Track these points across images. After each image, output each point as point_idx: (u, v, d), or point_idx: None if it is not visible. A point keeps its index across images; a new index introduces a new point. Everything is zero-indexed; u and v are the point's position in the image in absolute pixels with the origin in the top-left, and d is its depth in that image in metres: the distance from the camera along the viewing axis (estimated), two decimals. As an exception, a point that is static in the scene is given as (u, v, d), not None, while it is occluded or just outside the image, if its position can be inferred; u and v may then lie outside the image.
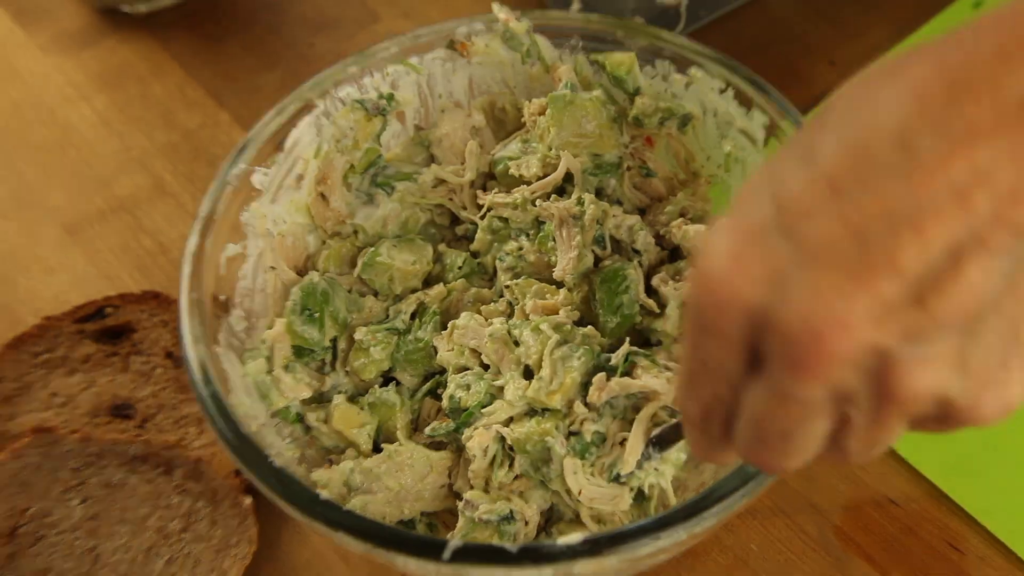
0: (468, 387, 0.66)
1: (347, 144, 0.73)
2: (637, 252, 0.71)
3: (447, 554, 0.54)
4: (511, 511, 0.63)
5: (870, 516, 0.70)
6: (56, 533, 0.69)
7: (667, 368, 0.65)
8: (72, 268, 0.84)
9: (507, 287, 0.71)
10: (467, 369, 0.68)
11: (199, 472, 0.71)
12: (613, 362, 0.64)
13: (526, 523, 0.64)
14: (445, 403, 0.67)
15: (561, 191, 0.72)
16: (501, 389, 0.65)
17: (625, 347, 0.65)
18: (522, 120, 0.75)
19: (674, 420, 0.62)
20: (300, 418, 0.68)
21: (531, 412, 0.64)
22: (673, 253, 0.73)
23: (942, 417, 0.41)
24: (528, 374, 0.65)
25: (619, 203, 0.73)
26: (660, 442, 0.61)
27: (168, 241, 0.85)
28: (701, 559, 0.69)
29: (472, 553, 0.54)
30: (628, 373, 0.64)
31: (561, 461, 0.62)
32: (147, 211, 0.87)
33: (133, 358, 0.77)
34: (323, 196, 0.73)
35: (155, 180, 0.88)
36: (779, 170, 0.39)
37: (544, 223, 0.71)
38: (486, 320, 0.69)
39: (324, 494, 0.57)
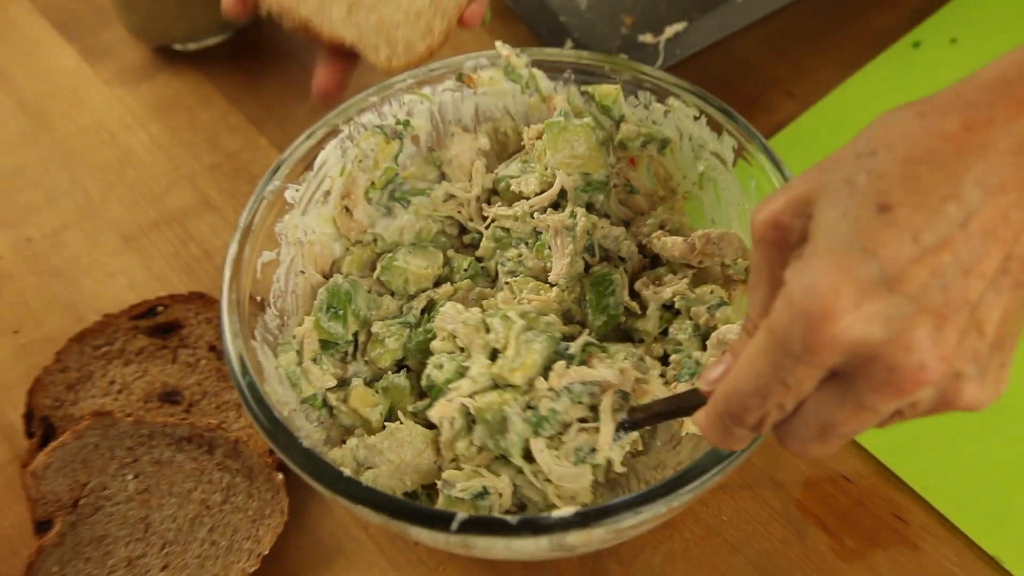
0: (441, 367, 0.64)
1: (368, 164, 0.72)
2: (622, 259, 0.70)
3: (455, 525, 0.52)
4: (484, 487, 0.61)
5: (826, 491, 0.68)
6: (112, 504, 0.68)
7: (630, 356, 0.64)
8: (129, 272, 0.83)
9: (507, 283, 0.70)
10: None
11: (238, 451, 0.69)
12: (571, 351, 0.62)
13: (500, 495, 0.61)
14: (424, 383, 0.65)
15: (556, 205, 0.70)
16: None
17: (583, 339, 0.63)
18: (522, 143, 0.74)
19: (635, 405, 0.60)
20: (325, 403, 0.67)
21: (495, 387, 0.62)
22: (653, 261, 0.71)
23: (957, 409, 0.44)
24: (495, 357, 0.63)
25: (607, 216, 0.72)
26: (630, 426, 0.59)
27: (212, 249, 0.84)
28: (678, 529, 0.68)
29: (477, 525, 0.53)
30: (585, 363, 0.62)
31: (518, 432, 0.60)
32: (194, 222, 0.85)
33: (181, 351, 0.76)
34: (347, 209, 0.71)
35: (201, 196, 0.87)
36: (864, 225, 0.40)
37: (541, 233, 0.69)
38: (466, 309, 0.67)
39: (347, 472, 0.56)
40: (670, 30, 0.87)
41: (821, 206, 0.42)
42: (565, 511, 0.52)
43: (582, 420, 0.61)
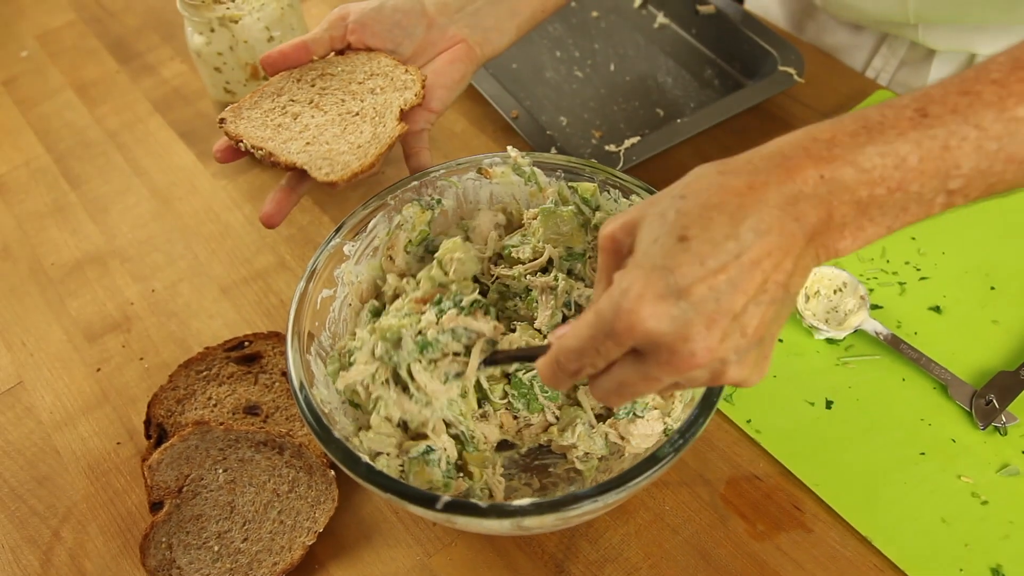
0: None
1: (408, 227, 0.70)
2: None
3: (439, 505, 0.51)
4: (429, 447, 0.60)
5: (743, 487, 0.66)
6: (207, 491, 0.66)
7: (496, 320, 0.62)
8: (224, 315, 0.80)
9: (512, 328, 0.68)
10: None
11: (301, 453, 0.66)
12: (463, 303, 0.60)
13: (444, 449, 0.60)
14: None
15: (545, 270, 0.68)
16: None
17: (471, 296, 0.61)
18: (523, 221, 0.71)
19: (497, 350, 0.60)
20: (356, 404, 0.64)
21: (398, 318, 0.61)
22: None
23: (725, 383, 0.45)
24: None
25: (582, 280, 0.69)
26: (490, 362, 0.59)
27: (287, 298, 0.81)
28: (632, 515, 0.65)
29: (456, 506, 0.51)
30: (471, 315, 0.60)
31: (408, 350, 0.58)
32: (274, 278, 0.83)
33: (260, 375, 0.73)
34: (391, 257, 0.70)
35: (279, 259, 0.85)
36: (668, 250, 0.42)
37: (531, 290, 0.67)
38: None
39: (365, 459, 0.54)
40: (628, 142, 0.86)
41: (642, 229, 0.44)
42: (523, 501, 0.51)
43: (456, 354, 0.59)
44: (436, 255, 0.65)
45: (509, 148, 0.70)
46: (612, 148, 0.86)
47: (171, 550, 0.63)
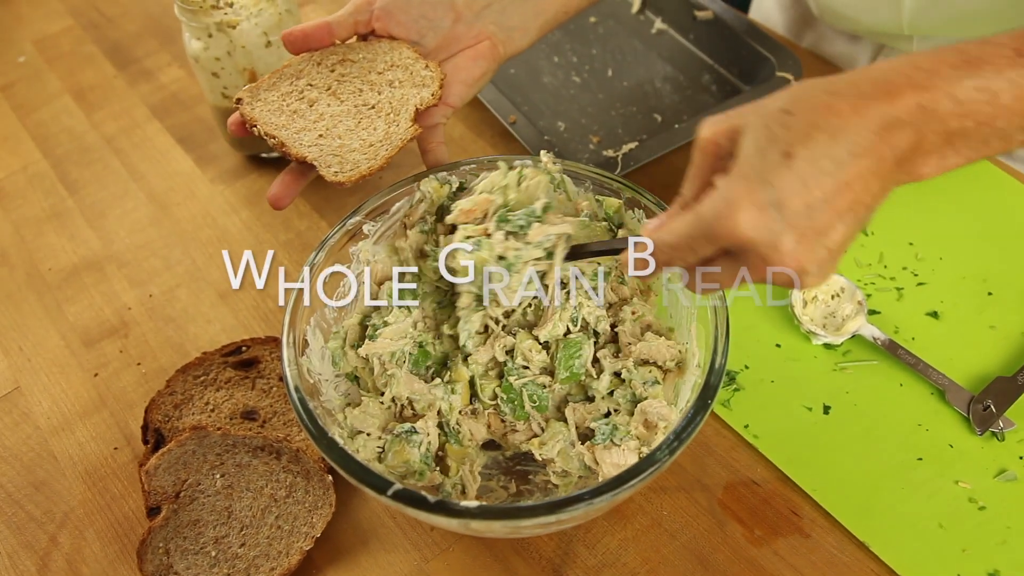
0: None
1: (427, 202, 0.69)
2: (597, 333, 0.67)
3: (390, 492, 0.51)
4: (413, 427, 0.60)
5: (741, 492, 0.66)
6: (204, 496, 0.66)
7: (564, 222, 0.63)
8: (222, 320, 0.81)
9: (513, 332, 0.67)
10: None
11: (299, 458, 0.67)
12: (538, 213, 0.61)
13: (428, 435, 0.61)
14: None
15: (562, 283, 0.66)
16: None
17: (541, 202, 0.62)
18: None
19: (576, 245, 0.62)
20: (356, 379, 0.65)
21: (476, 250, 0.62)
22: (616, 337, 0.67)
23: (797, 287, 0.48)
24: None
25: (595, 295, 0.67)
26: (571, 256, 0.61)
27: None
28: (630, 520, 0.65)
29: (405, 496, 0.52)
30: (545, 221, 0.61)
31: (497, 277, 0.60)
32: (271, 284, 0.82)
33: (258, 380, 0.74)
34: (404, 225, 0.69)
35: (278, 263, 0.85)
36: (772, 165, 0.45)
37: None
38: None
39: (340, 443, 0.55)
40: (625, 147, 0.86)
41: (746, 139, 0.46)
42: (470, 503, 0.51)
43: (536, 259, 0.60)
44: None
45: (542, 153, 0.68)
46: (610, 153, 0.87)
47: (168, 555, 0.63)
